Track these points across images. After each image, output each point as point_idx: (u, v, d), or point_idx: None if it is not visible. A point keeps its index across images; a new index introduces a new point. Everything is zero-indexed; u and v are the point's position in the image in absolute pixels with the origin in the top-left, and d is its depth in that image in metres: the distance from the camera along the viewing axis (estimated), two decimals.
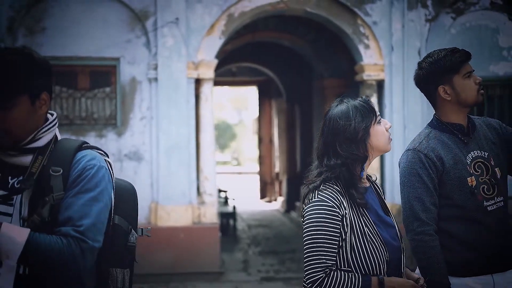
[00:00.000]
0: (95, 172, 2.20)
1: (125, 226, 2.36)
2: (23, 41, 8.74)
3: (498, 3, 9.18)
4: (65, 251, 2.06)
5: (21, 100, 2.14)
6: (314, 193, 2.63)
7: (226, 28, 9.06)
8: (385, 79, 9.15)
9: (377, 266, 2.55)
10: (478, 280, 3.16)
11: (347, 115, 2.64)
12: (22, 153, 2.20)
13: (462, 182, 3.15)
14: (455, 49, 3.23)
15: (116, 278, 2.34)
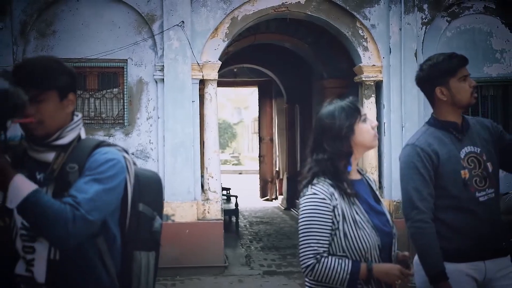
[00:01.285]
0: (104, 162, 2.40)
1: (149, 213, 2.58)
2: (35, 44, 9.06)
3: (491, 7, 9.53)
4: (59, 212, 2.23)
5: (51, 95, 2.41)
6: (307, 187, 2.88)
7: (229, 31, 9.38)
8: (383, 80, 9.46)
9: (369, 250, 2.81)
10: (471, 266, 3.43)
11: (332, 114, 2.92)
12: (48, 150, 2.44)
13: (456, 175, 3.44)
14: (453, 54, 3.56)
15: (140, 260, 2.55)
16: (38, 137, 2.43)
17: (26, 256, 2.41)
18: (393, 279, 2.82)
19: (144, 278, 2.56)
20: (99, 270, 2.44)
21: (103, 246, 2.45)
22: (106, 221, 2.44)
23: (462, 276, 3.43)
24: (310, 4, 9.45)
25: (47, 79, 2.41)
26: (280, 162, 18.07)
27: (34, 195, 2.22)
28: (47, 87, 2.41)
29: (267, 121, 18.99)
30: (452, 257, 3.42)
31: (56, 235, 2.25)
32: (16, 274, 2.46)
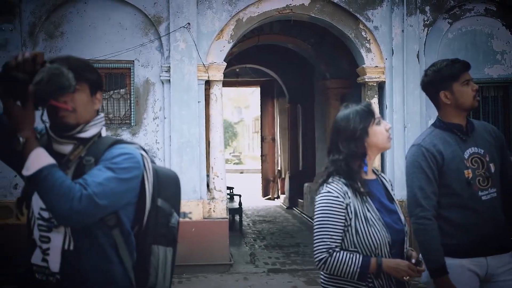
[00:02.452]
0: (118, 154, 2.49)
1: (167, 208, 2.66)
2: (43, 45, 9.21)
3: (492, 10, 9.68)
4: (67, 188, 2.32)
5: (84, 87, 2.53)
6: (323, 186, 3.07)
7: (234, 33, 9.53)
8: (386, 81, 9.61)
9: (379, 247, 2.97)
10: (473, 262, 3.59)
11: (347, 117, 3.10)
12: (69, 142, 2.54)
13: (459, 174, 3.60)
14: (456, 59, 3.74)
15: (158, 254, 2.64)
16: (66, 126, 2.52)
17: (42, 246, 2.50)
18: (402, 275, 2.96)
19: (162, 272, 2.64)
20: (113, 262, 2.52)
21: (118, 238, 2.53)
22: (119, 215, 2.52)
23: (465, 271, 3.58)
24: (314, 6, 9.61)
25: (83, 71, 2.54)
26: (282, 161, 18.22)
27: (48, 168, 2.34)
28: (82, 78, 2.52)
29: (269, 121, 19.14)
30: (455, 253, 3.58)
31: (60, 210, 2.33)
32: (32, 264, 2.55)
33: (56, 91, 2.39)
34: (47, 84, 2.36)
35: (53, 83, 2.37)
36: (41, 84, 2.35)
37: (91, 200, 2.35)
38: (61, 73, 2.39)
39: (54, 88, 2.38)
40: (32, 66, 2.38)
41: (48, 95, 2.39)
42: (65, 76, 2.40)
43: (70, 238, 2.49)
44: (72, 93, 2.48)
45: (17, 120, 2.38)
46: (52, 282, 2.50)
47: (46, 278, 2.51)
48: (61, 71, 2.40)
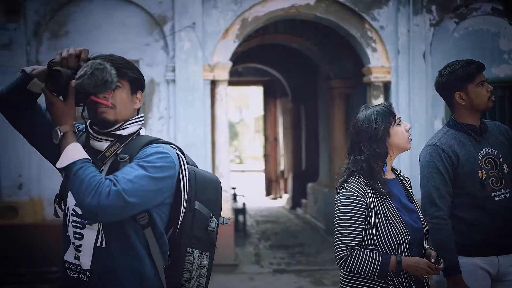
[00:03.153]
0: (152, 153, 2.47)
1: (206, 212, 2.61)
2: (48, 44, 9.18)
3: (499, 9, 9.63)
4: (97, 182, 2.34)
5: (125, 85, 2.55)
6: (343, 185, 3.11)
7: (240, 32, 9.50)
8: (392, 81, 9.58)
9: (398, 245, 3.02)
10: (485, 260, 3.64)
11: (369, 118, 3.13)
12: (107, 139, 2.54)
13: (474, 175, 3.63)
14: (471, 60, 3.75)
15: (193, 257, 2.59)
16: (105, 122, 2.53)
17: (75, 242, 2.52)
18: (421, 272, 2.99)
19: (196, 276, 2.60)
20: (144, 262, 2.50)
21: (151, 239, 2.51)
22: (151, 214, 2.50)
23: (477, 270, 3.63)
24: (320, 6, 9.57)
25: (125, 69, 2.55)
26: (285, 161, 18.20)
27: (82, 162, 2.37)
28: (124, 75, 2.54)
29: (271, 121, 19.11)
30: (468, 252, 3.63)
31: (88, 204, 2.33)
32: (64, 260, 2.57)
33: (98, 86, 2.41)
34: (90, 79, 2.39)
35: (96, 78, 2.40)
36: (84, 78, 2.39)
37: (119, 196, 2.34)
38: (104, 69, 2.42)
39: (97, 83, 2.40)
40: (76, 62, 2.45)
41: (91, 89, 2.41)
42: (108, 72, 2.42)
43: (103, 235, 2.49)
44: (113, 90, 2.49)
45: (58, 114, 2.43)
46: (82, 280, 2.51)
47: (77, 275, 2.53)
48: (104, 67, 2.42)
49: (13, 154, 9.07)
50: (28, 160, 9.07)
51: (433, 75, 9.47)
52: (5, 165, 9.09)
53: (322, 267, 9.63)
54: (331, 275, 9.04)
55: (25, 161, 9.08)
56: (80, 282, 2.52)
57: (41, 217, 9.20)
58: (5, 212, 9.03)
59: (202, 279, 2.64)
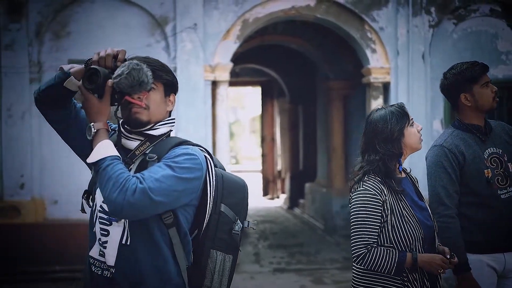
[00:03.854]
0: (180, 154, 2.54)
1: (231, 215, 2.66)
2: (50, 45, 9.24)
3: (497, 10, 9.74)
4: (124, 179, 2.41)
5: (159, 87, 2.62)
6: (359, 184, 3.17)
7: (241, 33, 9.57)
8: (391, 82, 9.65)
9: (414, 242, 3.10)
10: (491, 257, 3.74)
11: (384, 119, 3.20)
12: (138, 138, 2.62)
13: (480, 174, 3.72)
14: (475, 62, 3.84)
15: (216, 259, 2.64)
16: (137, 123, 2.60)
17: (101, 238, 2.59)
18: (436, 268, 3.08)
19: (218, 277, 2.65)
20: (167, 260, 2.56)
21: (175, 238, 2.56)
22: (177, 214, 2.56)
23: (484, 266, 3.73)
24: (320, 7, 9.65)
25: (160, 72, 2.62)
26: (282, 161, 18.27)
27: (111, 159, 2.45)
28: (158, 78, 2.61)
29: (268, 121, 19.18)
30: (475, 249, 3.72)
31: (114, 200, 2.39)
32: (89, 256, 2.64)
33: (134, 86, 2.48)
34: (127, 78, 2.46)
35: (132, 78, 2.47)
36: (121, 77, 2.46)
37: (145, 194, 2.40)
38: (141, 69, 2.49)
39: (133, 83, 2.47)
40: (113, 62, 2.53)
41: (127, 89, 2.48)
42: (144, 73, 2.49)
43: (128, 232, 2.55)
44: (148, 91, 2.56)
45: (93, 111, 2.50)
46: (106, 276, 2.57)
47: (101, 271, 2.59)
48: (141, 68, 2.49)
49: (15, 154, 9.11)
50: (30, 160, 9.13)
51: (432, 76, 9.61)
52: (7, 165, 9.13)
53: (322, 266, 9.70)
54: (331, 274, 9.13)
55: (27, 161, 9.13)
56: (104, 278, 2.58)
57: (42, 217, 9.24)
58: (7, 211, 9.06)
59: (224, 281, 2.69)
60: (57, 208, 9.26)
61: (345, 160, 12.69)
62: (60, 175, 9.20)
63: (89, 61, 2.57)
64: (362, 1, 9.62)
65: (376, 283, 3.12)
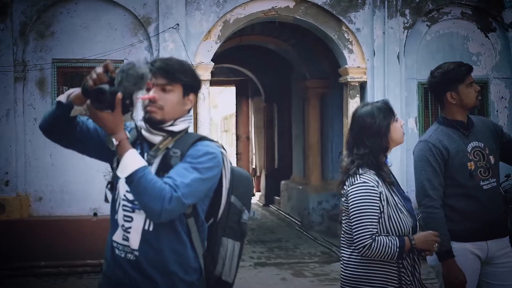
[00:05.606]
0: (203, 154, 2.72)
1: (239, 206, 2.91)
2: (34, 45, 9.36)
3: (468, 13, 10.14)
4: (159, 189, 2.57)
5: (177, 88, 2.77)
6: (355, 177, 3.34)
7: (222, 34, 9.81)
8: (368, 81, 9.98)
9: (406, 231, 3.32)
10: (475, 245, 3.98)
11: (372, 114, 3.38)
12: (160, 133, 2.79)
13: (463, 166, 3.98)
14: (461, 63, 4.11)
15: (227, 246, 2.88)
16: (152, 121, 2.78)
17: (125, 224, 2.78)
18: (431, 244, 3.33)
19: (228, 263, 2.89)
20: (186, 246, 2.78)
21: (192, 226, 2.78)
22: (196, 206, 2.78)
23: (468, 254, 3.96)
24: (299, 9, 9.93)
25: (179, 73, 2.77)
26: (257, 159, 18.52)
27: (142, 170, 2.60)
28: (177, 80, 2.77)
29: (243, 120, 19.40)
30: (459, 237, 3.95)
31: (152, 209, 2.59)
32: (112, 241, 2.84)
33: (137, 82, 2.59)
34: (128, 80, 2.57)
35: (132, 76, 2.57)
36: (124, 82, 2.58)
37: (179, 201, 2.61)
38: (133, 66, 2.59)
39: (135, 80, 2.58)
40: (107, 76, 2.60)
41: (133, 88, 2.60)
42: (138, 66, 2.59)
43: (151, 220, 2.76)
44: (163, 92, 2.74)
45: (110, 126, 2.61)
46: (129, 259, 2.78)
47: (125, 254, 2.79)
48: (133, 64, 2.60)
49: (0, 152, 9.23)
50: (15, 158, 9.24)
51: (407, 75, 9.97)
52: None
53: (301, 260, 9.98)
54: (310, 268, 9.41)
55: (12, 159, 9.24)
56: (127, 260, 2.78)
57: (27, 213, 9.36)
58: None
59: (233, 266, 2.93)
60: (42, 204, 9.40)
61: (321, 157, 12.98)
62: (45, 172, 9.34)
63: (86, 85, 2.62)
64: (340, 3, 9.92)
65: (373, 271, 3.28)
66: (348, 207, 3.34)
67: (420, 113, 10.09)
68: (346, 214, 3.39)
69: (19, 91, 9.29)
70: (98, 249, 9.21)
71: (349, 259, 3.37)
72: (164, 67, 2.76)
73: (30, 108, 9.34)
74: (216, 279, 2.89)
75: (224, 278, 2.90)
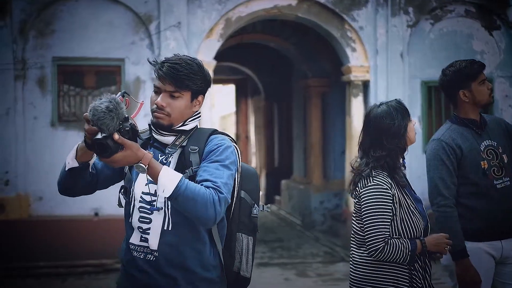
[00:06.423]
0: (224, 148, 2.73)
1: (249, 200, 2.90)
2: (34, 43, 9.27)
3: (471, 11, 10.07)
4: (208, 195, 2.55)
5: (185, 95, 2.74)
6: (367, 179, 3.27)
7: (224, 32, 9.73)
8: (371, 80, 9.92)
9: (419, 233, 3.26)
10: (489, 245, 3.93)
11: (391, 115, 3.30)
12: (172, 134, 2.77)
13: (476, 165, 3.93)
14: (473, 60, 4.05)
15: (242, 241, 2.87)
16: (159, 126, 2.76)
17: (142, 226, 2.74)
18: (443, 247, 3.27)
19: (245, 258, 2.87)
20: (205, 243, 2.75)
21: None
22: None
23: (482, 253, 3.91)
24: (301, 7, 9.86)
25: (187, 81, 2.72)
26: (257, 159, 18.44)
27: (183, 182, 2.55)
28: (185, 88, 2.73)
29: (242, 119, 19.34)
30: (473, 237, 3.91)
31: (206, 215, 2.57)
32: (130, 243, 2.79)
33: (117, 114, 2.47)
34: (113, 118, 2.46)
35: (113, 113, 2.46)
36: (115, 123, 2.47)
37: (226, 201, 2.64)
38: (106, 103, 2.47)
39: (118, 113, 2.47)
40: (95, 128, 2.49)
41: (123, 118, 2.51)
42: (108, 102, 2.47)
43: (169, 219, 2.72)
44: (171, 98, 2.72)
45: (129, 159, 2.53)
46: (149, 259, 2.74)
47: (144, 255, 2.75)
48: (103, 101, 2.47)
49: (0, 151, 9.14)
50: (15, 157, 9.15)
51: (410, 74, 9.90)
52: None
53: (304, 260, 9.91)
54: (314, 268, 9.34)
55: (11, 158, 9.16)
56: (147, 261, 2.74)
57: (27, 213, 9.27)
58: None
59: (249, 261, 2.91)
60: (42, 204, 9.30)
61: (323, 157, 12.91)
62: (45, 172, 9.24)
63: (85, 142, 2.60)
64: (343, 1, 9.85)
65: (384, 273, 3.23)
66: (360, 209, 3.29)
67: (424, 112, 10.02)
68: (358, 215, 3.34)
69: (19, 89, 9.20)
70: (98, 249, 9.26)
71: (360, 259, 3.32)
72: (172, 75, 2.70)
73: (30, 107, 9.24)
74: (234, 275, 2.88)
75: (242, 273, 2.89)
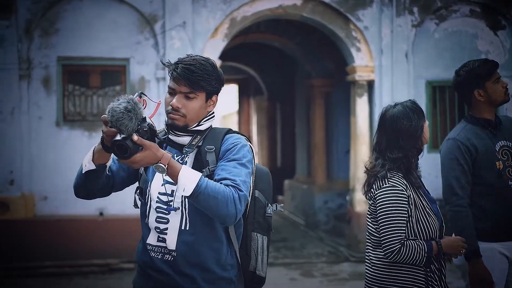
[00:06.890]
0: (240, 147, 2.75)
1: (263, 200, 2.91)
2: (39, 42, 9.26)
3: (476, 11, 10.07)
4: (228, 193, 2.57)
5: (200, 96, 2.74)
6: (383, 180, 3.26)
7: (228, 31, 9.72)
8: (375, 80, 9.92)
9: (434, 233, 3.26)
10: (503, 245, 3.92)
11: (407, 116, 3.28)
12: (187, 134, 2.77)
13: (491, 165, 3.92)
14: (486, 59, 4.05)
15: (257, 240, 2.88)
16: (174, 127, 2.76)
17: (159, 226, 2.74)
18: (458, 250, 3.28)
19: (260, 257, 2.88)
20: (223, 242, 2.76)
21: None
22: None
23: (495, 254, 3.90)
24: (306, 6, 9.85)
25: (202, 82, 2.72)
26: (259, 158, 18.43)
27: (203, 180, 2.55)
28: (200, 89, 2.73)
29: (245, 119, 19.34)
30: (486, 237, 3.90)
31: (228, 213, 2.58)
32: (147, 244, 2.79)
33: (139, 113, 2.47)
34: (131, 119, 2.44)
35: (132, 113, 2.45)
36: (134, 123, 2.45)
37: (246, 199, 2.66)
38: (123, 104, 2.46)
39: (136, 113, 2.46)
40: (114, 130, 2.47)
41: (141, 120, 2.49)
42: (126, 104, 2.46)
43: (187, 219, 2.73)
44: (186, 99, 2.71)
45: (149, 161, 2.52)
46: (167, 260, 2.74)
47: (162, 256, 2.75)
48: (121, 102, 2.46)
49: (5, 150, 9.13)
50: (20, 157, 9.15)
51: (415, 74, 9.90)
52: None
53: (309, 260, 9.91)
54: (319, 268, 9.34)
55: (16, 158, 9.15)
56: (165, 261, 2.74)
57: (32, 212, 9.27)
58: None
59: (264, 260, 2.92)
60: (47, 204, 9.30)
61: (327, 156, 12.90)
62: (50, 172, 9.24)
63: (103, 144, 2.59)
64: (348, 0, 9.85)
65: (400, 274, 3.22)
66: (376, 210, 3.28)
67: (428, 112, 10.00)
68: (373, 216, 3.33)
69: (24, 89, 9.19)
70: (103, 249, 9.25)
71: (376, 260, 3.31)
72: (187, 76, 2.71)
73: (35, 106, 9.23)
74: (251, 274, 2.88)
75: (258, 272, 2.89)
